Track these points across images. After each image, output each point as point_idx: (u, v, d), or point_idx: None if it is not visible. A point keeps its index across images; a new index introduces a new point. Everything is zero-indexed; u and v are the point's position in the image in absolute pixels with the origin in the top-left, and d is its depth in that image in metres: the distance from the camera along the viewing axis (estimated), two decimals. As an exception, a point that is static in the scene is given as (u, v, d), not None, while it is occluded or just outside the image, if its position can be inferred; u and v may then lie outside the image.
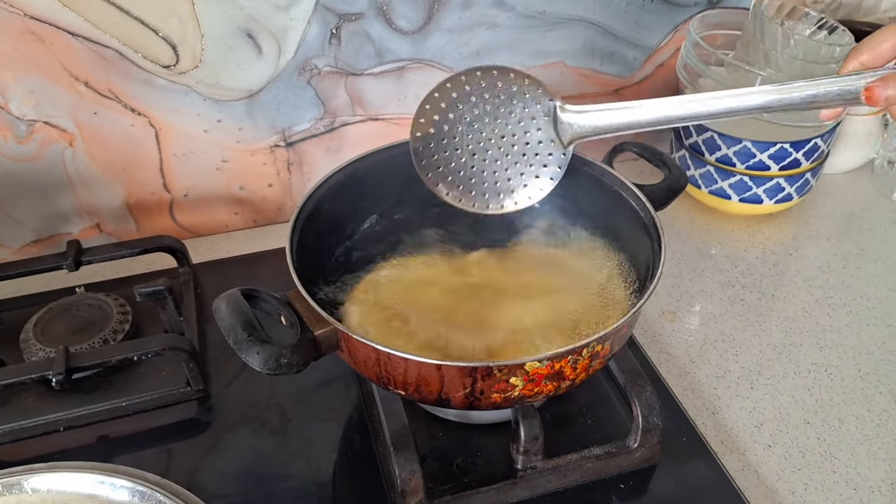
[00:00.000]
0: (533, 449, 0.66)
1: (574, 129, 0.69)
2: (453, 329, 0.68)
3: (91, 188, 0.91)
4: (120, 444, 0.74)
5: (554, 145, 0.70)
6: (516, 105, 0.70)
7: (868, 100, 0.57)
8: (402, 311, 0.69)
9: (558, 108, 0.69)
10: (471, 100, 0.70)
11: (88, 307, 0.83)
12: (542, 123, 0.70)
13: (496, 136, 0.71)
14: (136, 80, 0.85)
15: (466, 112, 0.70)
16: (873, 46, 0.58)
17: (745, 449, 0.74)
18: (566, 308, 0.71)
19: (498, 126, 0.71)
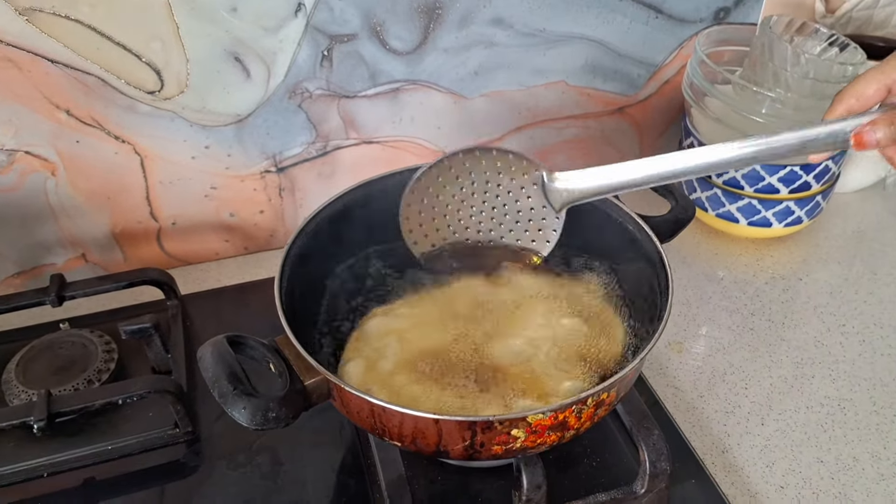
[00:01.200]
0: (536, 498, 0.63)
1: (564, 196, 0.68)
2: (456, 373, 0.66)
3: (75, 218, 0.88)
4: (105, 489, 0.72)
5: (546, 211, 0.69)
6: (503, 178, 0.69)
7: (857, 145, 0.56)
8: (403, 361, 0.65)
9: (546, 177, 0.68)
10: (458, 181, 0.69)
11: (72, 345, 0.80)
12: (532, 192, 0.69)
13: (487, 209, 0.70)
14: (119, 107, 0.82)
15: (455, 192, 0.69)
16: (859, 91, 0.58)
17: (756, 491, 0.71)
18: (568, 343, 0.68)
19: (488, 199, 0.70)
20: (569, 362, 0.66)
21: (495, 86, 0.95)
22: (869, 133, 0.55)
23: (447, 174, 0.68)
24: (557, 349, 0.68)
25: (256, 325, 0.81)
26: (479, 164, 0.68)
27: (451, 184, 0.68)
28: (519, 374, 0.66)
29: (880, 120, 0.55)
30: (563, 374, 0.65)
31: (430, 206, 0.69)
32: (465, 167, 0.68)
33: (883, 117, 0.55)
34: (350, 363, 0.68)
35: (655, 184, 0.64)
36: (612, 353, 0.68)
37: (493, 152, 0.67)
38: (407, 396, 0.64)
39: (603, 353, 0.68)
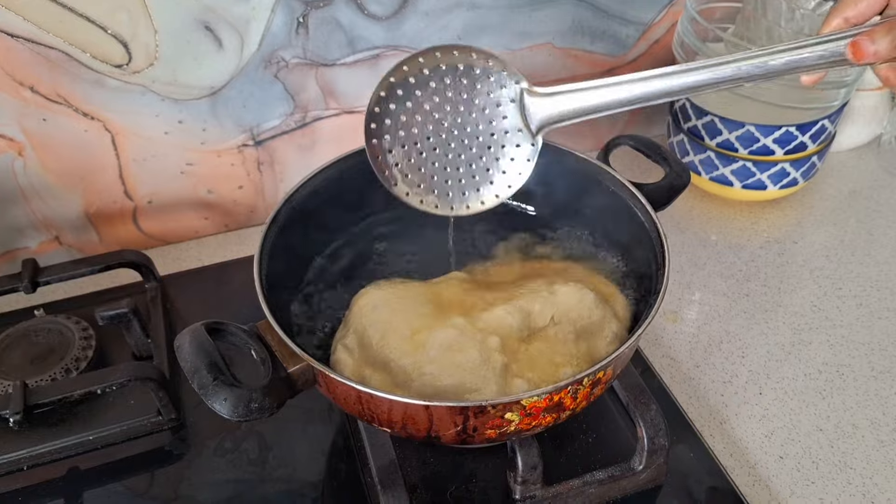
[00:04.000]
0: (531, 478, 0.62)
1: (543, 115, 0.62)
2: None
3: (46, 199, 0.84)
4: (89, 479, 0.69)
5: (522, 135, 0.63)
6: (480, 90, 0.62)
7: (855, 55, 0.52)
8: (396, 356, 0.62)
9: (525, 92, 0.62)
10: (429, 85, 0.62)
11: (48, 332, 0.77)
12: (509, 110, 0.62)
13: (458, 127, 0.63)
14: (85, 82, 0.78)
15: (425, 99, 0.62)
16: (856, 1, 0.53)
17: (755, 462, 0.70)
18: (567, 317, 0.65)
19: (460, 115, 0.63)
20: (566, 339, 0.63)
21: (479, 50, 0.91)
22: (866, 43, 0.51)
23: (420, 77, 0.61)
24: (555, 324, 0.65)
25: (239, 305, 0.79)
26: (456, 69, 0.61)
27: (423, 89, 0.62)
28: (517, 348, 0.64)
29: (878, 29, 0.51)
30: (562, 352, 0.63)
31: (398, 116, 0.62)
32: (441, 70, 0.61)
33: (881, 26, 0.51)
34: (340, 347, 0.66)
35: (643, 104, 0.59)
36: (610, 328, 0.65)
37: (472, 54, 0.61)
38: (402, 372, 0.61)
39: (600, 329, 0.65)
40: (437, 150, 0.64)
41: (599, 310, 0.64)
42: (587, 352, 0.63)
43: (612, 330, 0.64)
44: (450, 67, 0.61)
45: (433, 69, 0.61)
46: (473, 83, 0.62)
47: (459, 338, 0.60)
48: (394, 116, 0.63)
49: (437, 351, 0.60)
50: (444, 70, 0.61)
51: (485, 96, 0.62)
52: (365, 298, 0.66)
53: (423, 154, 0.64)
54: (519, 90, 0.62)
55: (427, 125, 0.63)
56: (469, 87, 0.62)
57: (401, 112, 0.62)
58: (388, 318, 0.63)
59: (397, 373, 0.61)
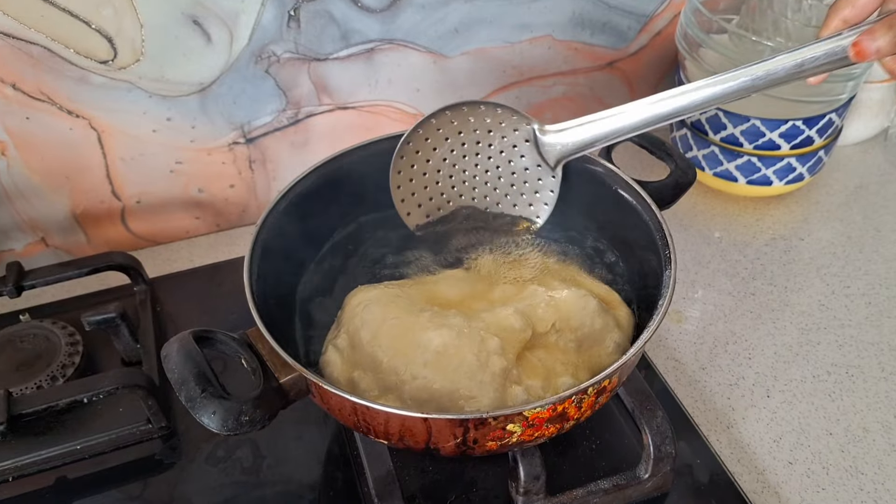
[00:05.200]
0: (534, 489, 0.59)
1: (558, 150, 0.65)
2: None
3: (31, 200, 0.82)
4: (78, 489, 0.68)
5: (542, 170, 0.67)
6: (494, 136, 0.66)
7: (857, 55, 0.52)
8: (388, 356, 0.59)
9: (537, 132, 0.65)
10: (446, 141, 0.66)
11: (34, 338, 0.75)
12: (525, 150, 0.66)
13: (480, 172, 0.68)
14: (70, 79, 0.75)
15: (445, 154, 0.67)
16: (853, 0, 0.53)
17: (763, 468, 0.68)
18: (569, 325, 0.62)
19: (480, 161, 0.68)
20: (567, 347, 0.61)
21: (477, 43, 0.88)
22: (867, 41, 0.51)
23: (435, 134, 0.65)
24: (556, 331, 0.63)
25: (232, 308, 0.77)
26: (468, 122, 0.65)
27: (440, 145, 0.66)
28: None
29: (878, 26, 0.51)
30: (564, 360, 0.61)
31: (421, 172, 0.67)
32: (453, 126, 0.65)
33: (881, 23, 0.51)
34: (330, 347, 0.63)
35: (654, 126, 0.61)
36: (612, 338, 0.63)
37: (480, 107, 0.65)
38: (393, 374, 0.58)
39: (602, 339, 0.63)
40: (463, 196, 0.69)
41: (601, 318, 0.62)
42: (588, 361, 0.61)
43: (615, 340, 0.62)
44: (462, 122, 0.66)
45: (446, 127, 0.66)
46: (487, 131, 0.66)
47: (456, 339, 0.58)
48: (417, 175, 0.67)
49: (431, 352, 0.58)
50: (457, 125, 0.66)
51: (500, 140, 0.67)
52: (358, 297, 0.64)
53: (451, 202, 0.70)
54: (531, 131, 0.65)
55: (450, 175, 0.68)
56: (484, 136, 0.67)
57: (423, 170, 0.67)
58: (381, 316, 0.61)
59: (388, 375, 0.58)
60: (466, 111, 0.65)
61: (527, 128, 0.65)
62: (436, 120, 0.65)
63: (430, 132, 0.65)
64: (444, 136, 0.66)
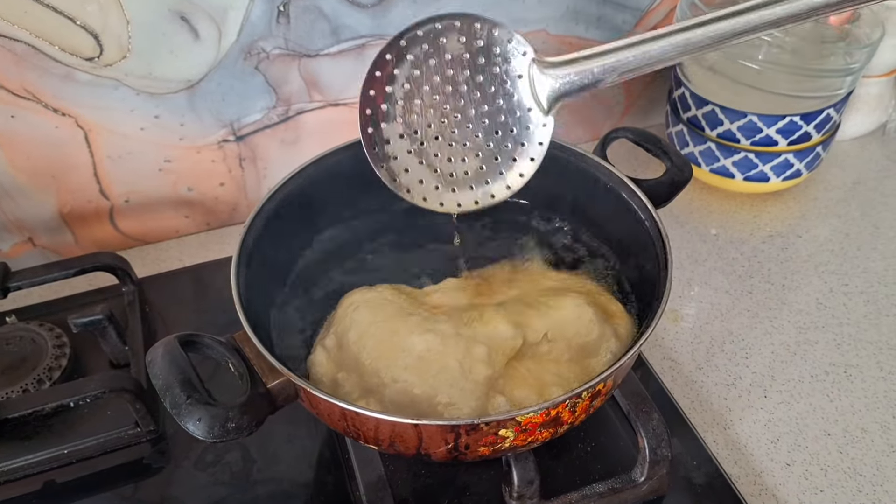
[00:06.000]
0: (528, 493, 0.58)
1: (555, 87, 0.55)
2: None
3: (17, 200, 0.81)
4: (65, 493, 0.66)
5: (532, 113, 0.57)
6: (485, 66, 0.56)
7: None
8: (371, 358, 0.58)
9: (534, 64, 0.56)
10: (429, 63, 0.56)
11: (20, 340, 0.74)
12: (517, 86, 0.56)
13: (462, 111, 0.57)
14: (55, 77, 0.74)
15: (425, 79, 0.56)
16: None
17: (761, 470, 0.67)
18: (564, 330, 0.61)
19: (464, 96, 0.57)
20: (559, 358, 0.60)
21: (470, 38, 0.87)
22: None
23: (418, 53, 0.55)
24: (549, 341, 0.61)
25: (221, 309, 0.76)
26: (458, 43, 0.55)
27: (422, 67, 0.56)
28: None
29: None
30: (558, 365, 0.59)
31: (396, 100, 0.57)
32: (441, 43, 0.55)
33: None
34: (319, 347, 0.62)
35: (668, 63, 0.53)
36: (608, 348, 0.61)
37: (475, 24, 0.55)
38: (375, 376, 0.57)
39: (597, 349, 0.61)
40: (439, 138, 0.59)
41: (598, 328, 0.60)
42: (580, 373, 0.59)
43: (611, 350, 0.60)
44: (451, 41, 0.56)
45: (433, 43, 0.56)
46: (477, 58, 0.56)
47: (440, 345, 0.57)
48: (391, 100, 0.57)
49: (413, 357, 0.57)
50: (445, 44, 0.56)
51: (490, 73, 0.57)
52: (351, 298, 0.63)
53: (425, 144, 0.59)
54: (527, 63, 0.56)
55: (428, 110, 0.58)
56: (473, 64, 0.57)
57: (399, 95, 0.57)
58: (369, 318, 0.60)
59: (370, 377, 0.57)
60: (459, 26, 0.55)
61: (522, 58, 0.55)
62: (422, 32, 0.55)
63: (413, 47, 0.55)
64: (428, 56, 0.56)
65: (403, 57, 0.56)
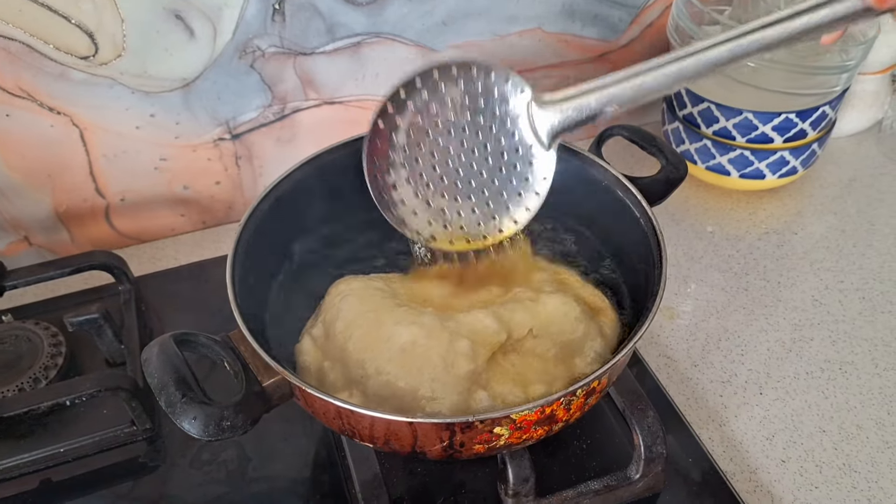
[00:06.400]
0: (523, 491, 0.59)
1: (555, 124, 0.57)
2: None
3: (12, 199, 0.80)
4: (62, 492, 0.67)
5: (534, 150, 0.59)
6: (484, 108, 0.58)
7: (878, 2, 0.48)
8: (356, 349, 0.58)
9: (533, 102, 0.57)
10: (431, 109, 0.58)
11: (15, 339, 0.74)
12: (517, 125, 0.58)
13: (466, 153, 0.59)
14: (50, 76, 0.74)
15: (428, 125, 0.58)
16: None
17: (756, 466, 0.67)
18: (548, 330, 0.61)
19: (466, 139, 0.59)
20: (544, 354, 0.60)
21: (465, 36, 0.87)
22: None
23: (418, 100, 0.57)
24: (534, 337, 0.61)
25: (218, 307, 0.75)
26: (457, 88, 0.57)
27: (424, 114, 0.58)
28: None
29: None
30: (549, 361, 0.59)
31: (399, 148, 0.59)
32: (441, 91, 0.57)
33: None
34: (306, 336, 0.63)
35: (665, 91, 0.55)
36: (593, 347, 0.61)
37: (471, 69, 0.56)
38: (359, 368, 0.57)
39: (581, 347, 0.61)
40: (445, 180, 0.60)
41: (584, 325, 0.60)
42: (565, 370, 0.59)
43: (595, 349, 0.60)
44: (450, 87, 0.57)
45: (432, 91, 0.57)
46: (476, 101, 0.58)
47: (425, 338, 0.57)
48: (395, 149, 0.59)
49: (397, 349, 0.57)
50: (445, 91, 0.57)
51: (490, 114, 0.58)
52: (339, 287, 0.64)
53: (431, 187, 0.61)
54: (525, 103, 0.57)
55: (432, 155, 0.60)
56: (473, 107, 0.58)
57: (403, 143, 0.59)
58: (357, 309, 0.60)
59: (354, 368, 0.58)
60: (457, 73, 0.56)
61: (520, 96, 0.57)
62: (421, 81, 0.56)
63: (414, 97, 0.57)
64: (429, 103, 0.57)
65: (405, 106, 0.58)
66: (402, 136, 0.59)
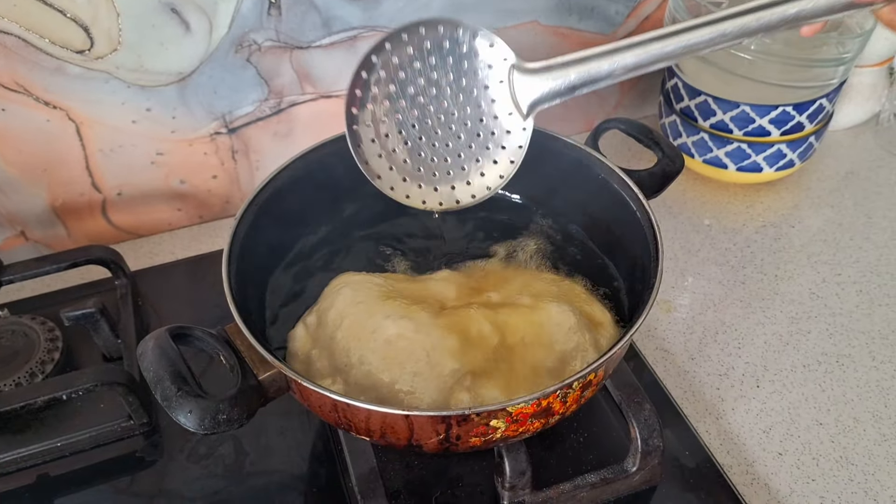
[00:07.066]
0: (520, 484, 0.59)
1: (534, 94, 0.56)
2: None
3: (9, 193, 0.80)
4: (59, 486, 0.66)
5: (512, 118, 0.58)
6: (467, 70, 0.57)
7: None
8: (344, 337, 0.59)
9: (515, 69, 0.57)
10: (414, 66, 0.57)
11: (12, 334, 0.73)
12: (498, 91, 0.58)
13: (445, 113, 0.59)
14: (45, 70, 0.73)
15: (409, 82, 0.58)
16: None
17: (753, 459, 0.67)
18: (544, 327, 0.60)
19: (447, 99, 0.58)
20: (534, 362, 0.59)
21: (462, 29, 0.87)
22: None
23: (403, 56, 0.57)
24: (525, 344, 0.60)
25: (214, 302, 0.76)
26: (441, 49, 0.57)
27: (407, 69, 0.57)
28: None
29: None
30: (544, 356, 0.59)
31: (381, 101, 0.58)
32: (426, 48, 0.57)
33: None
34: (301, 323, 0.63)
35: (647, 69, 0.54)
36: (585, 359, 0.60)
37: (458, 29, 0.56)
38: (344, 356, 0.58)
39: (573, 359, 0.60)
40: (423, 139, 0.60)
41: (576, 338, 0.59)
42: (554, 380, 0.57)
43: (587, 361, 0.59)
44: (435, 45, 0.57)
45: (417, 47, 0.56)
46: (460, 63, 0.57)
47: (413, 332, 0.57)
48: (376, 101, 0.58)
49: (381, 341, 0.57)
50: (430, 48, 0.57)
51: (472, 77, 0.58)
52: (338, 279, 0.64)
53: (409, 144, 0.60)
54: (508, 68, 0.57)
55: (412, 111, 0.59)
56: (456, 68, 0.57)
57: (384, 96, 0.58)
58: (351, 299, 0.61)
59: (340, 356, 0.58)
60: (443, 31, 0.56)
61: (503, 64, 0.56)
62: (407, 36, 0.56)
63: (399, 50, 0.56)
64: (413, 59, 0.57)
65: (389, 59, 0.57)
66: (384, 89, 0.58)
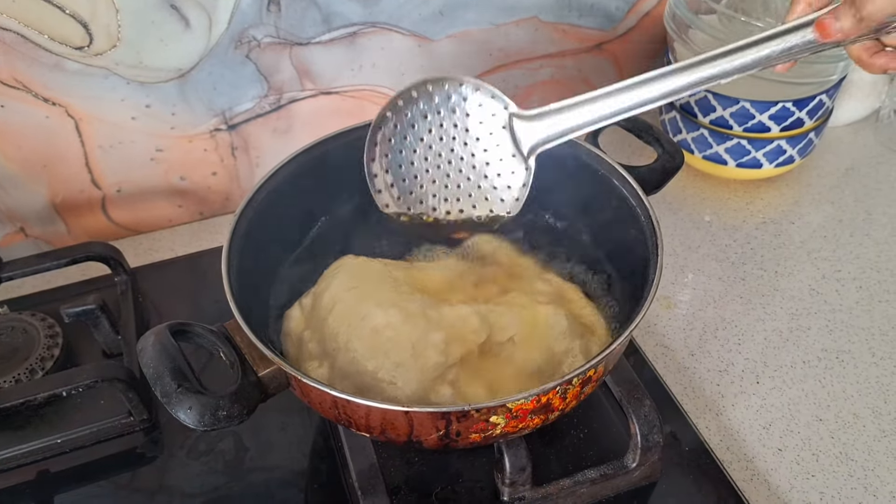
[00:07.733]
0: (520, 479, 0.59)
1: (533, 139, 0.62)
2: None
3: (8, 190, 0.80)
4: (59, 483, 0.67)
5: (515, 160, 0.64)
6: (471, 120, 0.63)
7: (821, 34, 0.52)
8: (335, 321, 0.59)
9: (513, 117, 0.62)
10: (425, 119, 0.64)
11: (12, 331, 0.74)
12: (501, 137, 0.63)
13: (455, 158, 0.65)
14: (44, 66, 0.73)
15: (422, 132, 0.64)
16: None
17: (753, 455, 0.67)
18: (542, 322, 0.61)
19: (455, 146, 0.65)
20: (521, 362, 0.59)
21: (462, 25, 0.87)
22: (830, 21, 0.51)
23: (415, 109, 0.63)
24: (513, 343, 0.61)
25: (215, 298, 0.75)
26: (448, 100, 0.63)
27: (419, 122, 0.64)
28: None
29: (841, 7, 0.50)
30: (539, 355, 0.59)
31: (398, 150, 0.65)
32: (434, 102, 0.63)
33: (843, 3, 0.50)
34: (297, 304, 0.64)
35: (629, 113, 0.59)
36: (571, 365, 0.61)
37: (461, 85, 0.62)
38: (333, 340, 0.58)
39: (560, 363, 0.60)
40: (436, 182, 0.66)
41: (568, 341, 0.60)
42: (538, 383, 0.57)
43: (574, 367, 0.58)
44: (442, 100, 0.63)
45: (426, 102, 0.63)
46: (465, 114, 0.63)
47: (401, 322, 0.57)
48: (393, 151, 0.65)
49: (368, 328, 0.57)
50: (437, 102, 0.63)
51: (476, 126, 0.63)
52: (338, 263, 0.65)
53: (424, 187, 0.66)
54: (507, 116, 0.62)
55: (425, 157, 0.65)
56: (461, 118, 0.63)
57: (400, 147, 0.65)
58: (347, 284, 0.61)
59: (329, 340, 0.58)
60: (448, 87, 0.63)
61: (504, 112, 0.62)
62: (416, 93, 0.62)
63: (410, 107, 0.63)
64: (424, 114, 0.63)
65: (402, 113, 0.64)
66: (399, 140, 0.65)
